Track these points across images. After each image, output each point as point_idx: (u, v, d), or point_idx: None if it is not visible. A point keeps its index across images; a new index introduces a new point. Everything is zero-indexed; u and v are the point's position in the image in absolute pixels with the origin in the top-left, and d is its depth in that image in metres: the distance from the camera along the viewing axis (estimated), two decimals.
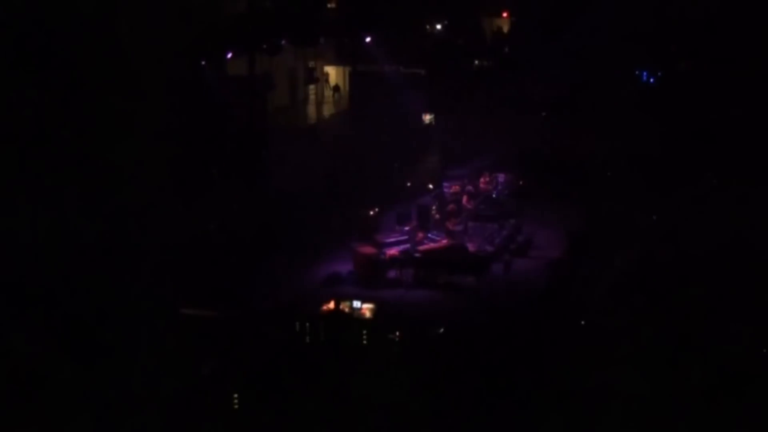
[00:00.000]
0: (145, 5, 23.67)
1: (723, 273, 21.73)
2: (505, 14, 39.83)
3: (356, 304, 21.66)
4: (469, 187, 31.35)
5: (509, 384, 14.32)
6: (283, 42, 28.63)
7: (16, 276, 17.76)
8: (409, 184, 34.56)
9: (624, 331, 15.82)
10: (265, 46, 27.87)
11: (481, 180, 32.36)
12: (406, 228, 28.30)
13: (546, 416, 13.25)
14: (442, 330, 19.64)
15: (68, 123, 21.30)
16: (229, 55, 28.65)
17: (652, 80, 36.43)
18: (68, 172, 20.52)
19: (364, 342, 19.31)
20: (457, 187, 31.55)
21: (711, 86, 32.57)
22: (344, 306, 21.62)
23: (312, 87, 38.36)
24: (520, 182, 33.15)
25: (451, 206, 29.98)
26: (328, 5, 33.48)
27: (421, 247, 26.94)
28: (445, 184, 31.87)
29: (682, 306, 15.87)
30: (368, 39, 34.21)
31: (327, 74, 40.57)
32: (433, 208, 29.99)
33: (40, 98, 20.99)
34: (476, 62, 39.73)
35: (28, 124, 20.69)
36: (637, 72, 36.62)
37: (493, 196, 31.78)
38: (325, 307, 21.84)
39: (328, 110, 39.20)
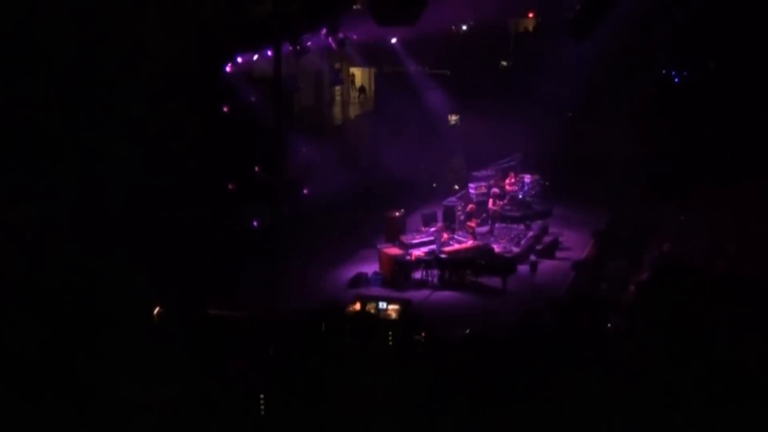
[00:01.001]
0: (171, 8, 23.82)
1: (753, 274, 21.55)
2: (530, 15, 39.68)
3: (382, 305, 21.66)
4: (495, 189, 31.31)
5: (531, 386, 14.26)
6: (309, 43, 28.63)
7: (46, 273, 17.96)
8: (434, 185, 34.56)
9: (648, 334, 15.72)
10: (290, 48, 27.90)
11: (507, 181, 32.32)
12: (432, 229, 28.33)
13: (565, 419, 13.19)
14: (468, 331, 19.59)
15: (91, 125, 21.51)
16: (255, 57, 28.71)
17: (677, 80, 36.18)
18: (87, 173, 20.73)
19: (390, 343, 19.29)
20: (483, 188, 31.52)
21: (738, 86, 32.31)
22: (370, 307, 21.63)
23: (338, 88, 38.36)
24: (546, 183, 33.07)
25: (470, 206, 29.97)
26: (354, 6, 33.43)
27: (447, 248, 26.94)
28: (471, 185, 31.84)
29: (709, 308, 15.73)
30: (394, 40, 34.19)
31: (353, 75, 40.57)
32: (459, 209, 29.99)
33: (67, 101, 21.20)
34: (502, 63, 39.62)
35: (56, 127, 20.90)
36: (663, 72, 36.38)
37: (519, 196, 31.73)
38: (350, 308, 21.86)
39: (353, 111, 39.20)
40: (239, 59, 27.27)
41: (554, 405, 13.09)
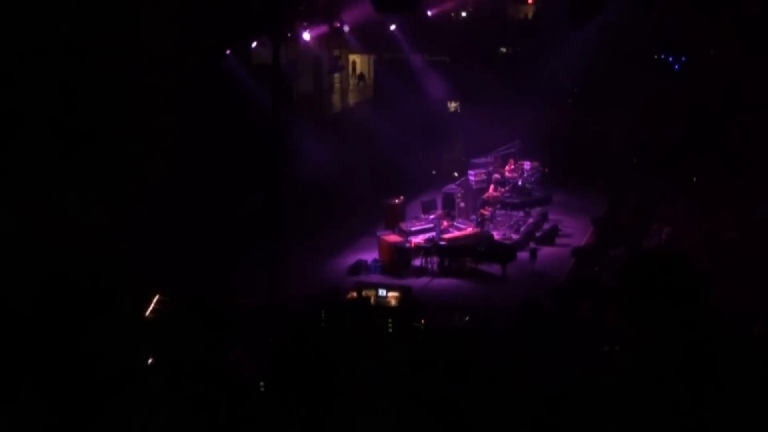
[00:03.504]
0: None
1: (750, 262, 21.55)
2: (530, 1, 39.58)
3: (381, 292, 21.64)
4: (496, 175, 31.31)
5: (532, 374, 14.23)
6: (307, 30, 28.58)
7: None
8: (434, 172, 34.52)
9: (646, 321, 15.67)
10: (289, 35, 27.87)
11: (507, 168, 32.26)
12: (432, 216, 28.30)
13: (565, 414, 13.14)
14: (467, 318, 19.57)
15: (88, 116, 21.42)
16: (254, 44, 28.67)
17: (677, 67, 36.06)
18: (84, 167, 20.65)
19: (390, 330, 19.29)
20: (483, 175, 31.48)
21: (738, 74, 32.19)
22: (369, 294, 21.60)
23: (337, 75, 38.27)
24: (545, 169, 33.02)
25: (487, 194, 29.97)
26: None
27: (447, 236, 26.92)
28: (471, 172, 31.80)
29: (709, 297, 15.70)
30: (393, 27, 34.11)
31: (354, 63, 40.47)
32: (458, 196, 29.95)
33: (64, 93, 21.11)
34: (501, 49, 39.52)
35: (54, 119, 20.82)
36: (662, 57, 36.25)
37: (519, 183, 31.70)
38: (350, 296, 21.84)
39: (352, 98, 39.12)
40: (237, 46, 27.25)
41: (553, 393, 13.05)
